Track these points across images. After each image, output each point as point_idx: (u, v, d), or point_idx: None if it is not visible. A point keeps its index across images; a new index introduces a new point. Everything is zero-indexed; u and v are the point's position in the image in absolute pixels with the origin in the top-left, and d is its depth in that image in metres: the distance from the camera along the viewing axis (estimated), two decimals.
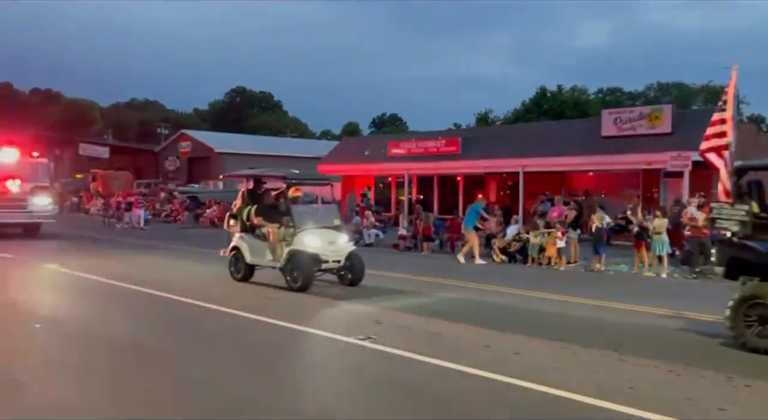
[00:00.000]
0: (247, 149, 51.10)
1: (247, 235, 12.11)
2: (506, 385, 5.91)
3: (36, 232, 22.02)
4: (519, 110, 55.72)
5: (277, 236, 11.55)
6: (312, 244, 11.09)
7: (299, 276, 10.97)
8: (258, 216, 11.97)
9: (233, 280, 12.14)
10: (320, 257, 11.12)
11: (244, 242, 12.06)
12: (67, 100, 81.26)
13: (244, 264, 12.01)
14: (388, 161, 28.40)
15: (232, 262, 12.31)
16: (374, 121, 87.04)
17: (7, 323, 8.53)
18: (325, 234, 11.39)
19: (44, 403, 5.39)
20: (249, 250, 11.93)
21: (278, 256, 11.43)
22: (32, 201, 21.16)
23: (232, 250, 12.30)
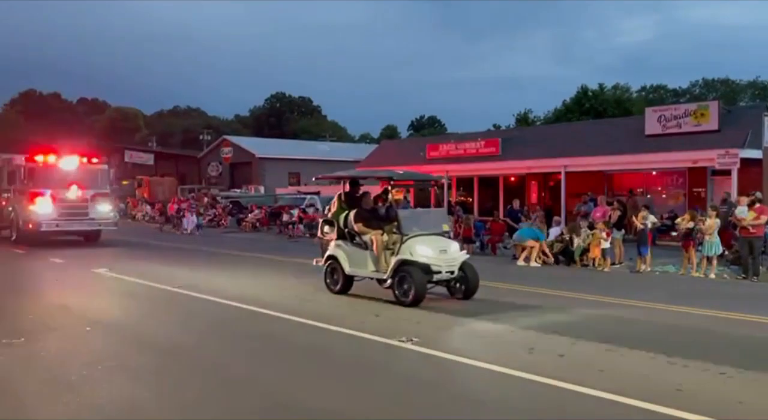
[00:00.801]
0: (287, 154, 51.72)
1: (345, 242, 11.08)
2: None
3: (96, 240, 21.78)
4: (560, 110, 54.99)
5: (381, 244, 10.54)
6: (423, 252, 10.00)
7: (411, 289, 9.82)
8: (358, 222, 10.87)
9: (330, 293, 11.18)
10: (432, 267, 10.00)
11: (342, 251, 11.03)
12: (112, 109, 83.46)
13: (343, 275, 11.01)
14: (426, 164, 28.33)
15: (328, 272, 11.34)
16: (413, 123, 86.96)
17: (60, 326, 8.79)
18: (435, 241, 10.30)
19: (94, 403, 5.54)
20: (348, 259, 10.92)
21: (382, 267, 10.42)
22: (93, 208, 20.93)
23: (328, 259, 11.30)
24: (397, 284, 10.08)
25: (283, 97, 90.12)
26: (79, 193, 20.51)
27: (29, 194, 20.18)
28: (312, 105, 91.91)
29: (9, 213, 21.38)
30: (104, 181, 21.84)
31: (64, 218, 20.32)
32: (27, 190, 20.33)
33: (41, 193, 20.05)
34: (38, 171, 20.48)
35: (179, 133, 78.11)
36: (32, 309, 10.04)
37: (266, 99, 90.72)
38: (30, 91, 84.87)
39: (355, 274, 10.96)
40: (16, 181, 21.12)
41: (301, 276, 13.44)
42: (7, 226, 21.82)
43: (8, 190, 21.66)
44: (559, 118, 51.91)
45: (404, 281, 9.98)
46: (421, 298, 9.84)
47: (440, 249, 10.20)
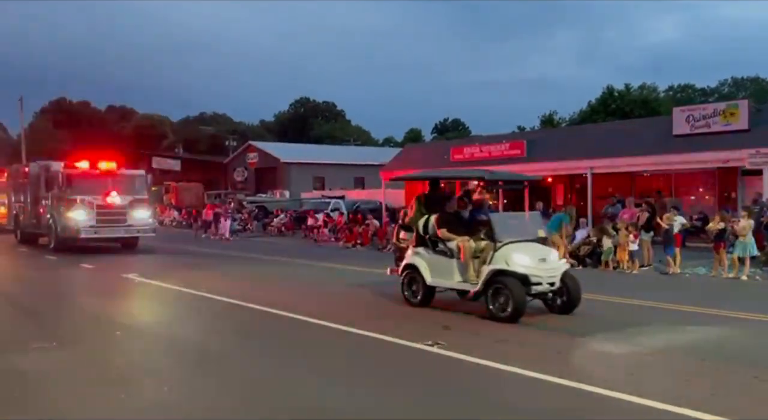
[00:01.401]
0: (312, 158, 52.01)
1: (426, 250, 10.13)
2: None
3: (134, 247, 21.41)
4: (585, 111, 54.51)
5: (470, 252, 9.55)
6: (521, 261, 8.99)
7: (509, 303, 8.78)
8: (442, 227, 9.89)
9: (407, 306, 10.19)
10: (531, 278, 8.98)
11: (422, 259, 10.08)
12: (140, 116, 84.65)
13: (423, 285, 10.02)
14: (450, 167, 28.25)
15: (405, 283, 10.37)
16: (436, 126, 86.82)
17: (91, 331, 8.94)
18: (533, 249, 9.32)
19: (126, 407, 5.62)
20: (429, 268, 9.96)
21: (470, 277, 9.44)
22: (132, 214, 20.51)
23: (406, 268, 10.34)
24: (491, 297, 9.02)
25: (308, 102, 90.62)
26: (117, 200, 20.23)
27: (67, 201, 20.01)
28: (336, 109, 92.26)
29: (47, 220, 21.17)
30: (142, 187, 21.49)
31: (103, 225, 20.02)
32: (65, 197, 20.14)
33: (79, 200, 19.87)
34: (76, 178, 20.28)
35: (206, 139, 78.99)
36: (64, 314, 10.23)
37: (291, 104, 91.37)
38: (60, 99, 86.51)
39: (438, 284, 9.98)
40: (53, 188, 20.91)
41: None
42: (45, 233, 21.65)
43: (46, 198, 21.44)
44: (585, 119, 51.44)
45: (500, 294, 8.93)
46: (520, 314, 8.79)
47: (539, 258, 9.14)
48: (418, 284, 10.15)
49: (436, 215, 10.07)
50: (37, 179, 22.22)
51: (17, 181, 24.72)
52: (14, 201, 25.02)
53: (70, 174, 20.37)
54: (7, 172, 27.81)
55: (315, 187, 48.21)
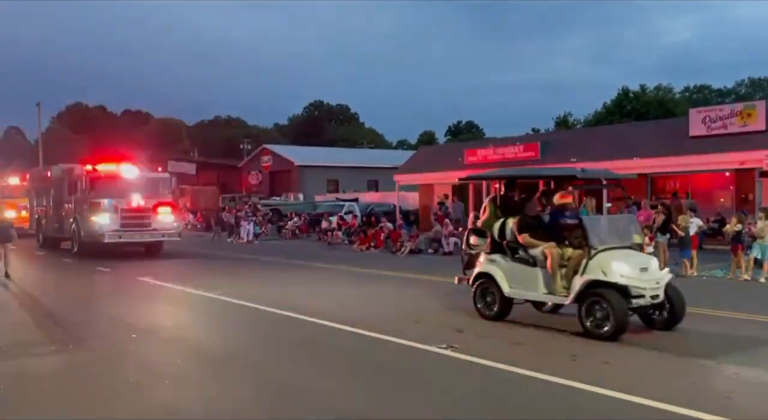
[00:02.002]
0: (326, 161, 52.09)
1: (503, 257, 9.20)
2: None
3: (158, 251, 20.85)
4: (600, 112, 54.23)
5: (557, 260, 8.60)
6: (621, 271, 7.97)
7: (609, 318, 7.78)
8: (523, 232, 8.95)
9: (482, 319, 9.23)
10: (631, 290, 7.93)
11: (499, 268, 9.15)
12: (155, 120, 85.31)
13: (500, 297, 9.09)
14: (465, 169, 28.20)
15: (478, 294, 9.44)
16: (450, 129, 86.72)
17: (107, 333, 9.00)
18: (632, 257, 8.33)
19: (142, 409, 5.66)
20: (507, 278, 9.03)
21: (558, 288, 8.52)
22: (156, 218, 20.04)
23: (479, 277, 9.42)
24: (585, 312, 8.06)
25: (321, 105, 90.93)
26: (141, 203, 19.82)
27: (91, 205, 19.64)
28: (349, 112, 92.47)
29: (70, 224, 20.80)
30: (166, 190, 21.09)
31: (127, 229, 19.59)
32: (89, 201, 19.76)
33: (103, 203, 19.46)
34: (100, 181, 19.89)
35: (220, 142, 79.44)
36: (80, 316, 10.31)
37: (304, 107, 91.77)
38: (77, 104, 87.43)
39: (518, 296, 9.07)
40: (77, 191, 20.59)
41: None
42: (68, 237, 21.28)
43: (69, 201, 21.13)
44: (600, 120, 51.18)
45: (597, 308, 7.93)
46: (622, 330, 7.78)
47: (640, 267, 8.11)
48: (494, 295, 9.21)
49: (516, 219, 9.13)
50: (59, 182, 21.95)
51: (39, 184, 24.53)
52: (36, 205, 24.78)
53: (94, 177, 19.99)
54: (29, 175, 27.82)
55: (329, 190, 48.27)
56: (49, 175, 23.28)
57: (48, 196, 23.09)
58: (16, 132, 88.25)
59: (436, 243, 21.46)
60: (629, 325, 7.94)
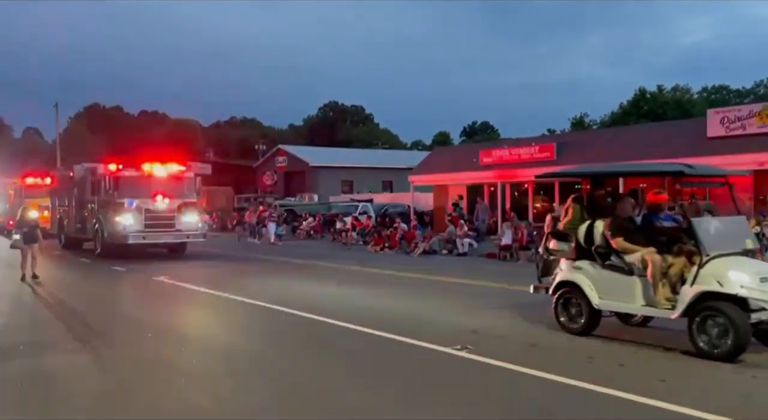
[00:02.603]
0: (340, 162, 52.20)
1: (592, 264, 8.19)
2: None
3: (181, 252, 20.49)
4: (616, 113, 53.91)
5: (660, 268, 7.59)
6: (740, 280, 6.98)
7: (727, 335, 6.81)
8: (617, 235, 7.96)
9: (568, 333, 8.27)
10: (751, 304, 6.92)
11: (586, 276, 8.19)
12: (172, 121, 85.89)
13: (588, 309, 8.09)
14: (480, 170, 28.13)
15: (560, 305, 8.46)
16: (465, 129, 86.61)
17: (124, 332, 9.07)
18: (750, 265, 7.34)
19: (158, 408, 5.68)
20: (596, 287, 8.09)
21: (660, 300, 7.51)
22: (180, 218, 19.58)
23: (561, 286, 8.47)
24: (697, 328, 7.08)
25: (336, 105, 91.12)
26: (165, 203, 19.37)
27: (114, 205, 19.21)
28: (364, 113, 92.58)
29: (93, 225, 20.41)
30: (191, 190, 20.54)
31: (151, 230, 19.17)
32: (112, 201, 19.34)
33: (127, 203, 19.04)
34: (123, 180, 19.42)
35: (235, 143, 79.82)
36: (97, 316, 10.39)
37: (319, 108, 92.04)
38: (94, 104, 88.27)
39: (609, 308, 8.16)
40: (100, 191, 20.17)
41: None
42: (91, 238, 20.86)
43: (92, 201, 20.72)
44: (616, 121, 50.89)
45: (712, 323, 6.96)
46: (743, 349, 6.82)
47: (760, 276, 7.06)
48: (579, 307, 8.25)
49: (607, 221, 8.13)
50: (82, 182, 21.62)
51: (61, 184, 24.15)
52: (58, 205, 24.37)
53: (118, 176, 19.51)
54: (51, 175, 27.61)
55: (343, 191, 48.36)
56: (71, 175, 22.99)
57: (70, 196, 22.77)
58: (34, 132, 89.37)
59: (450, 244, 21.40)
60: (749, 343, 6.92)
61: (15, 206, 29.75)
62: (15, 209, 29.35)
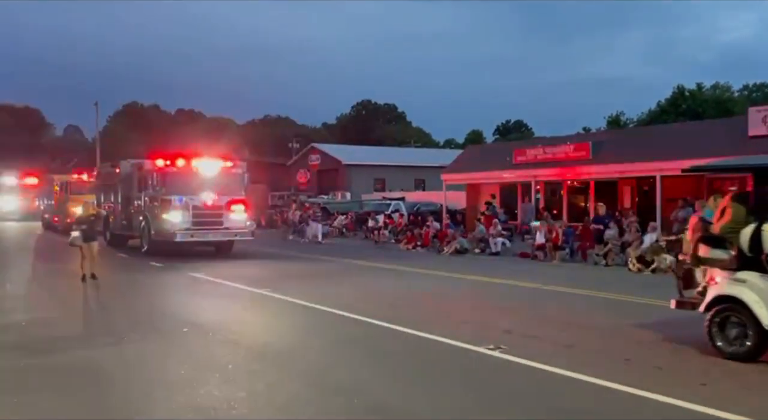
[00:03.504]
0: (373, 160, 52.26)
1: (761, 276, 6.90)
2: None
3: (228, 251, 19.87)
4: (654, 111, 52.93)
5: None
6: None
7: None
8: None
9: (721, 357, 7.06)
10: None
11: (753, 290, 6.91)
12: (207, 119, 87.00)
13: (756, 329, 6.80)
14: (513, 169, 27.88)
15: (715, 325, 7.18)
16: (498, 128, 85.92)
17: (159, 327, 9.22)
18: None
19: (192, 402, 5.76)
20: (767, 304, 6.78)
21: None
22: (228, 216, 19.03)
23: (719, 302, 7.17)
24: None
25: (369, 104, 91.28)
26: (213, 200, 18.83)
27: (162, 202, 18.75)
28: (397, 111, 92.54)
29: (139, 222, 19.91)
30: (239, 186, 19.97)
31: (199, 228, 18.60)
32: (159, 197, 18.87)
33: (175, 200, 18.49)
34: (171, 176, 18.93)
35: (269, 141, 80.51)
36: (133, 310, 10.58)
37: (352, 106, 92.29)
38: (132, 103, 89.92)
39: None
40: (147, 187, 19.71)
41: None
42: (137, 235, 20.35)
43: (138, 198, 20.25)
44: (654, 119, 49.95)
45: None
46: None
47: None
48: (742, 327, 6.97)
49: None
50: (128, 178, 21.17)
51: (107, 180, 23.72)
52: (103, 201, 23.88)
53: (165, 172, 19.02)
54: (96, 171, 27.51)
55: (375, 189, 48.43)
56: (117, 171, 22.45)
57: (116, 193, 22.30)
58: (75, 130, 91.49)
59: (482, 243, 21.26)
60: None
61: (61, 203, 30.36)
62: (61, 206, 30.00)
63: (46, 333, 8.59)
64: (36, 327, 9.00)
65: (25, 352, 7.43)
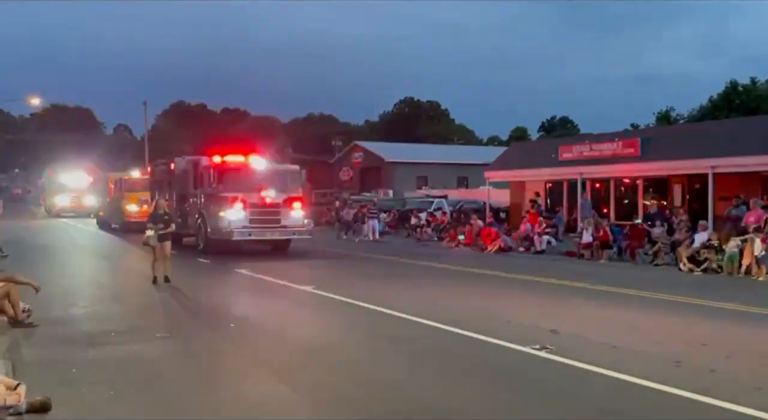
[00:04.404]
0: (416, 158, 52.15)
1: None
2: None
3: (285, 250, 19.31)
4: (705, 107, 51.34)
5: None
6: None
7: None
8: None
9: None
10: None
11: None
12: (252, 118, 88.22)
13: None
14: (558, 166, 27.44)
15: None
16: (543, 124, 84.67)
17: (207, 323, 9.39)
18: None
19: (240, 396, 5.85)
20: None
21: None
22: (286, 214, 18.56)
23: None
24: None
25: (412, 101, 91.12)
26: (271, 197, 18.33)
27: (219, 199, 18.21)
28: (440, 109, 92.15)
29: (195, 220, 19.44)
30: (296, 183, 19.60)
31: (256, 226, 18.11)
32: (216, 195, 18.31)
33: (233, 197, 18.00)
34: (228, 173, 18.51)
35: (313, 139, 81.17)
36: (182, 306, 10.81)
37: (395, 104, 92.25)
38: (180, 102, 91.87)
39: None
40: (203, 184, 19.20)
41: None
42: (193, 233, 19.77)
43: (194, 195, 19.74)
44: (705, 115, 48.47)
45: None
46: None
47: None
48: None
49: None
50: (183, 175, 20.65)
51: (161, 178, 23.29)
52: (157, 199, 23.57)
53: (223, 169, 18.57)
54: (150, 168, 27.27)
55: (418, 187, 48.32)
56: (172, 168, 21.90)
57: (170, 190, 21.76)
58: (124, 129, 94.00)
59: (527, 241, 21.01)
60: None
61: (115, 200, 30.81)
62: (115, 203, 30.46)
63: (100, 327, 8.82)
64: (90, 321, 9.26)
65: (80, 346, 7.66)
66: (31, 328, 8.48)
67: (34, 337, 8.14)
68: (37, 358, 7.11)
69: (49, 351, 7.42)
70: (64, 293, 11.49)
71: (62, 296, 11.09)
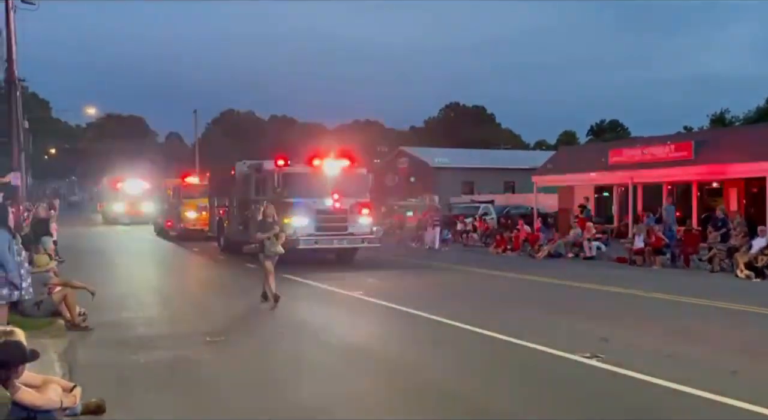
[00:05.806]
0: (461, 163, 51.86)
1: None
2: None
3: (351, 260, 18.06)
4: (762, 108, 49.72)
5: None
6: None
7: None
8: None
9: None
10: None
11: None
12: (299, 125, 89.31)
13: None
14: (608, 170, 26.91)
15: None
16: (592, 128, 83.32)
17: (256, 327, 9.52)
18: None
19: (289, 401, 5.90)
20: None
21: None
22: (354, 221, 17.37)
23: None
24: None
25: (457, 106, 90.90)
26: (339, 203, 17.12)
27: (282, 205, 16.18)
28: (486, 113, 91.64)
29: None
30: (364, 188, 18.23)
31: (323, 234, 16.97)
32: (280, 201, 16.26)
33: (297, 203, 16.90)
34: (292, 177, 17.15)
35: (358, 145, 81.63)
36: (231, 310, 10.95)
37: (440, 109, 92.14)
38: (229, 110, 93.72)
39: None
40: (265, 190, 17.94)
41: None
42: None
43: (256, 201, 17.81)
44: (763, 117, 46.89)
45: None
46: None
47: None
48: None
49: None
50: (245, 180, 19.71)
51: (221, 183, 22.44)
52: (217, 205, 22.66)
53: (287, 173, 17.17)
54: (209, 173, 26.70)
55: (464, 192, 48.00)
56: (232, 173, 20.93)
57: (230, 196, 20.96)
58: (175, 137, 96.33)
59: (576, 247, 20.64)
60: None
61: (173, 206, 30.24)
62: (173, 210, 30.50)
63: (150, 331, 9.02)
64: (143, 325, 9.49)
65: (133, 349, 7.84)
66: (87, 331, 8.75)
67: (89, 340, 8.38)
68: (92, 360, 7.31)
69: (103, 354, 7.63)
70: (118, 298, 11.78)
71: (116, 300, 11.37)
